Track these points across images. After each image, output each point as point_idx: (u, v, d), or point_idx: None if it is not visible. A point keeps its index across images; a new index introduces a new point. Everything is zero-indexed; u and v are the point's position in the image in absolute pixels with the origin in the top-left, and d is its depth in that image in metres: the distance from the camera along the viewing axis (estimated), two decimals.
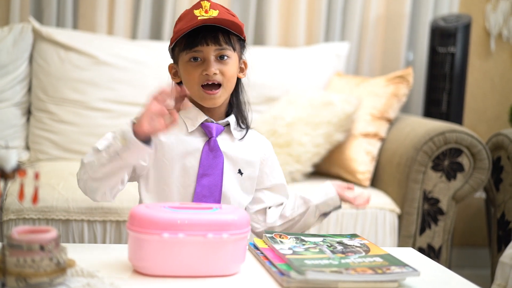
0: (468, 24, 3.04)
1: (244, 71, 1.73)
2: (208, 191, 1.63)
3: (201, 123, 1.65)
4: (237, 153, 1.68)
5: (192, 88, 1.63)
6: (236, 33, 1.64)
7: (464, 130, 2.50)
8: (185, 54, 1.62)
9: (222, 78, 1.62)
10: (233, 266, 1.35)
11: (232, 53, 1.64)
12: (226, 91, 1.64)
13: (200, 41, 1.60)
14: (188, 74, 1.63)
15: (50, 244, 1.16)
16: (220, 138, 1.67)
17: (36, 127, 2.75)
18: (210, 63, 1.60)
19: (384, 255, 1.44)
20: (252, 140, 1.73)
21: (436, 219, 2.51)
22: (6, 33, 2.75)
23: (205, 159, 1.63)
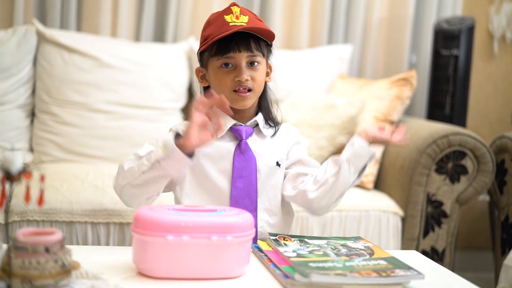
0: (471, 26, 3.04)
1: (269, 74, 1.75)
2: (244, 193, 1.64)
3: (231, 127, 1.67)
4: (270, 150, 1.70)
5: (223, 93, 1.61)
6: (267, 40, 1.67)
7: (468, 132, 2.50)
8: (217, 60, 1.63)
9: (253, 83, 1.64)
10: (238, 268, 1.34)
11: (262, 59, 1.67)
12: (255, 95, 1.67)
13: (233, 47, 1.61)
14: (219, 80, 1.64)
15: (55, 246, 1.16)
16: (251, 139, 1.69)
17: (40, 129, 2.75)
18: (242, 70, 1.62)
19: (388, 258, 1.44)
20: (282, 134, 1.75)
21: (440, 222, 2.51)
22: (10, 35, 2.75)
23: (238, 161, 1.65)
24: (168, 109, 2.88)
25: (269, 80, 1.75)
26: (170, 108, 2.89)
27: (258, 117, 1.70)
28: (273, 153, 1.70)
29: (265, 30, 1.62)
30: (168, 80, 2.89)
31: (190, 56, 2.99)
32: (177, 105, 2.93)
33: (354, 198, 2.54)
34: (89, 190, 2.28)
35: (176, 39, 3.14)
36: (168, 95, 2.88)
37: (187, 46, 3.00)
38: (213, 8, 3.13)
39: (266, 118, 1.73)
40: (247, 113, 1.70)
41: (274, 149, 1.71)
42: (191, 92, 3.04)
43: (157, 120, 2.84)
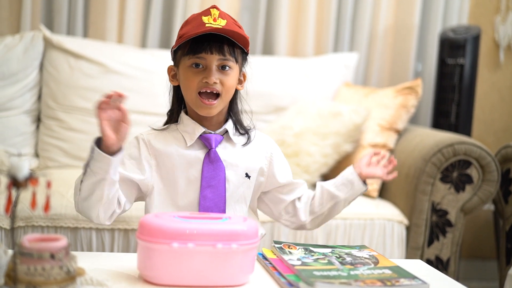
0: (477, 35, 3.04)
1: (242, 83, 1.73)
2: (213, 203, 1.63)
3: (200, 135, 1.65)
4: (241, 159, 1.68)
5: (190, 95, 1.63)
6: (241, 46, 1.65)
7: (473, 142, 2.50)
8: (188, 59, 1.62)
9: (221, 88, 1.62)
10: (242, 276, 1.35)
11: (234, 64, 1.65)
12: (223, 101, 1.64)
13: (205, 48, 1.60)
14: (187, 79, 1.62)
15: (61, 252, 1.16)
16: (221, 147, 1.67)
17: (46, 134, 2.76)
18: (212, 72, 1.60)
19: (393, 267, 1.44)
20: (256, 144, 1.73)
21: (445, 231, 2.51)
22: (17, 41, 2.76)
23: (207, 171, 1.63)
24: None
25: (241, 88, 1.72)
26: None
27: (228, 125, 1.68)
28: (243, 164, 1.68)
29: (240, 35, 1.60)
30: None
31: None
32: None
33: (358, 206, 2.53)
34: None
35: None
36: None
37: None
38: None
39: (236, 125, 1.71)
40: (216, 120, 1.68)
41: (245, 159, 1.69)
42: None
43: None
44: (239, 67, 1.68)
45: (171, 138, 1.67)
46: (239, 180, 1.67)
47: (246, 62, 1.73)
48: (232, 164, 1.66)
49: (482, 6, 3.44)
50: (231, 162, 1.66)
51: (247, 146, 1.71)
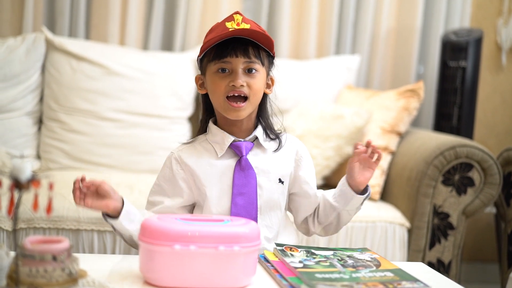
0: (479, 38, 3.04)
1: (271, 87, 1.72)
2: (244, 210, 1.62)
3: (230, 144, 1.64)
4: (272, 165, 1.67)
5: (218, 99, 1.62)
6: (266, 48, 1.64)
7: (475, 144, 2.50)
8: (214, 65, 1.62)
9: (249, 91, 1.60)
10: (244, 278, 1.34)
11: (261, 67, 1.64)
12: (251, 104, 1.62)
13: (230, 52, 1.59)
14: (214, 84, 1.62)
15: (63, 254, 1.16)
16: (252, 154, 1.66)
17: (47, 136, 2.76)
18: (238, 75, 1.59)
19: (395, 270, 1.44)
20: (285, 148, 1.71)
21: (446, 233, 2.50)
22: (19, 42, 2.76)
23: (238, 178, 1.62)
24: (176, 118, 2.89)
25: (269, 92, 1.71)
26: (178, 117, 2.90)
27: (257, 131, 1.67)
28: (276, 169, 1.67)
29: (264, 37, 1.59)
30: (176, 88, 2.90)
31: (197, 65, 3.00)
32: (185, 114, 2.93)
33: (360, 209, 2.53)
34: None
35: (184, 48, 3.15)
36: (175, 104, 2.89)
37: (195, 55, 3.01)
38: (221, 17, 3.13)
39: (266, 130, 1.69)
40: (245, 127, 1.67)
41: (277, 165, 1.67)
42: (199, 101, 3.04)
43: (164, 129, 2.85)
44: (266, 70, 1.67)
45: (202, 150, 1.67)
46: (272, 187, 1.66)
47: (273, 66, 1.72)
48: (264, 170, 1.65)
49: (484, 9, 3.44)
50: (263, 168, 1.65)
51: (279, 151, 1.70)
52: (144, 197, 2.38)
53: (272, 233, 1.66)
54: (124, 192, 2.34)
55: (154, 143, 2.80)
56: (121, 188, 2.38)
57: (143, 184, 2.47)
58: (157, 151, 2.80)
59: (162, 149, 2.81)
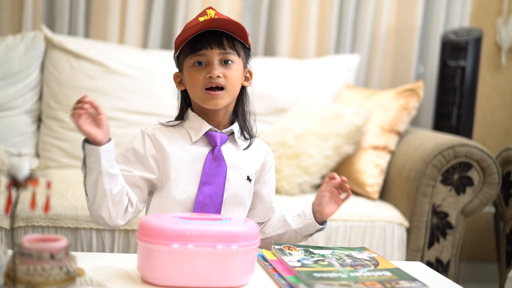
0: (479, 38, 3.04)
1: (249, 80, 1.72)
2: (210, 200, 1.62)
3: (205, 133, 1.65)
4: (242, 161, 1.68)
5: (196, 92, 1.63)
6: (240, 39, 1.64)
7: (474, 144, 2.50)
8: (190, 59, 1.63)
9: (226, 81, 1.61)
10: (242, 277, 1.34)
11: (237, 58, 1.64)
12: (229, 94, 1.63)
13: (204, 44, 1.60)
14: (192, 78, 1.62)
15: (60, 253, 1.16)
16: (225, 147, 1.66)
17: (46, 134, 2.76)
18: (214, 66, 1.60)
19: (393, 269, 1.44)
20: (256, 149, 1.73)
21: (445, 233, 2.50)
22: (18, 41, 2.76)
23: (208, 167, 1.63)
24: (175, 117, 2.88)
25: (247, 84, 1.72)
26: None
27: (234, 126, 1.68)
28: (245, 166, 1.68)
29: (236, 26, 1.59)
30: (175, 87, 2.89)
31: None
32: None
33: (359, 208, 2.53)
34: None
35: None
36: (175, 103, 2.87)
37: None
38: None
39: (242, 127, 1.70)
40: (223, 119, 1.68)
41: (247, 162, 1.69)
42: None
43: None
44: (242, 62, 1.67)
45: (176, 133, 1.67)
46: (240, 182, 1.67)
47: (250, 58, 1.72)
48: (235, 165, 1.66)
49: (484, 8, 3.44)
50: (233, 163, 1.66)
51: (249, 150, 1.71)
52: None
53: None
54: None
55: None
56: None
57: None
58: None
59: None
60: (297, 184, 2.62)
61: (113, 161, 1.52)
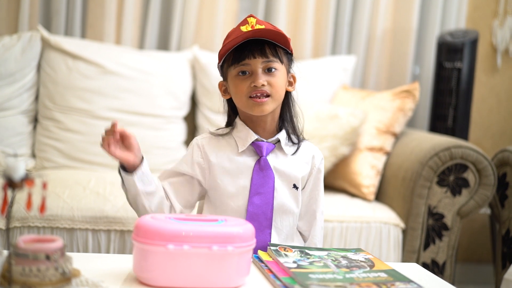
0: (475, 39, 3.05)
1: (293, 84, 1.74)
2: (260, 210, 1.63)
3: (252, 142, 1.66)
4: (290, 169, 1.68)
5: (241, 101, 1.64)
6: (282, 46, 1.65)
7: (470, 146, 2.50)
8: (234, 69, 1.63)
9: (271, 89, 1.62)
10: (238, 278, 1.34)
11: (280, 65, 1.65)
12: (274, 101, 1.64)
13: (247, 54, 1.61)
14: (237, 87, 1.63)
15: (56, 253, 1.16)
16: (272, 155, 1.67)
17: (43, 135, 2.76)
18: (258, 75, 1.61)
19: (389, 271, 1.44)
20: (303, 154, 1.72)
21: (441, 234, 2.51)
22: (14, 41, 2.76)
23: (256, 178, 1.64)
24: (171, 117, 2.89)
25: (291, 89, 1.73)
26: (173, 116, 2.90)
27: (281, 135, 1.69)
28: (292, 174, 1.68)
29: (279, 35, 1.60)
30: (172, 88, 2.90)
31: (193, 65, 3.00)
32: (180, 113, 2.93)
33: (355, 209, 2.54)
34: (90, 197, 2.28)
35: (180, 48, 3.15)
36: (171, 103, 2.89)
37: (190, 55, 3.01)
38: (217, 17, 3.14)
39: (290, 133, 1.71)
40: (269, 128, 1.69)
41: (293, 170, 1.69)
42: (194, 101, 3.05)
43: (160, 128, 2.85)
44: (285, 68, 1.68)
45: (224, 143, 1.69)
46: (287, 191, 1.68)
47: (292, 63, 1.73)
48: (281, 173, 1.67)
49: (480, 10, 3.45)
50: (280, 171, 1.67)
51: (297, 155, 1.71)
52: None
53: (281, 237, 1.67)
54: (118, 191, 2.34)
55: (150, 142, 2.80)
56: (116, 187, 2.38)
57: None
58: (153, 151, 2.80)
59: (157, 148, 2.81)
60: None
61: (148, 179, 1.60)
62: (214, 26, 3.16)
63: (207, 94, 2.98)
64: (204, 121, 2.98)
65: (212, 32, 3.16)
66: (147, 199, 1.60)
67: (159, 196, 1.63)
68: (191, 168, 1.67)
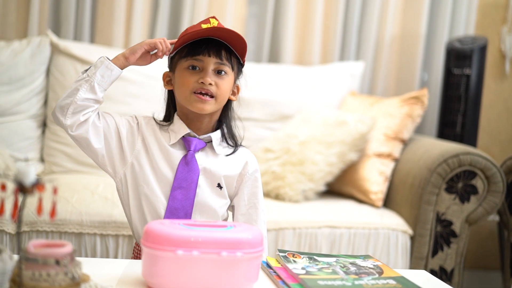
0: (483, 46, 3.04)
1: (236, 94, 1.75)
2: (180, 205, 1.64)
3: (183, 137, 1.68)
4: (218, 168, 1.69)
5: (183, 93, 1.66)
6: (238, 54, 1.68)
7: (479, 152, 2.49)
8: (185, 61, 1.66)
9: (216, 90, 1.64)
10: (246, 284, 1.34)
11: (230, 71, 1.67)
12: (217, 103, 1.66)
13: (203, 50, 1.64)
14: (183, 80, 1.66)
15: (66, 258, 1.16)
16: (203, 153, 1.69)
17: (51, 139, 2.76)
18: (208, 73, 1.64)
19: (398, 278, 1.43)
20: (238, 158, 1.73)
21: (449, 241, 2.50)
22: (24, 46, 2.77)
23: (181, 172, 1.65)
24: None
25: (234, 99, 1.74)
26: None
27: (214, 134, 1.70)
28: (218, 173, 1.68)
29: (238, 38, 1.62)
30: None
31: None
32: None
33: (363, 215, 2.53)
34: (99, 202, 2.28)
35: None
36: None
37: None
38: (226, 22, 3.14)
39: (227, 136, 1.72)
40: (205, 127, 1.70)
41: (219, 169, 1.69)
42: None
43: None
44: (234, 76, 1.70)
45: (159, 131, 1.71)
46: (210, 188, 1.68)
47: (241, 74, 1.75)
48: (207, 171, 1.68)
49: (489, 16, 3.44)
50: (208, 168, 1.67)
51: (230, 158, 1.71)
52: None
53: None
54: None
55: None
56: None
57: None
58: None
59: None
60: (301, 191, 2.62)
61: (104, 87, 1.68)
62: None
63: None
64: None
65: None
66: (86, 92, 1.64)
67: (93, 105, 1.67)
68: (124, 127, 1.71)
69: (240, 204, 1.73)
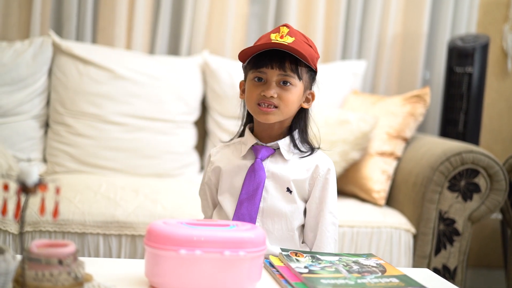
0: (485, 44, 3.04)
1: (310, 101, 1.72)
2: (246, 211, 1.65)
3: (252, 146, 1.68)
4: (287, 172, 1.67)
5: (250, 105, 1.66)
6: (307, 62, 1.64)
7: (481, 151, 2.49)
8: (251, 73, 1.65)
9: (279, 102, 1.63)
10: (249, 284, 1.34)
11: (297, 81, 1.64)
12: (281, 114, 1.64)
13: (266, 63, 1.62)
14: (249, 91, 1.66)
15: (69, 258, 1.16)
16: (272, 159, 1.68)
17: (54, 139, 2.77)
18: (270, 85, 1.62)
19: (401, 276, 1.43)
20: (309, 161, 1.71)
21: (452, 239, 2.50)
22: (26, 46, 2.78)
23: (248, 179, 1.66)
24: (181, 122, 2.89)
25: (307, 106, 1.71)
26: (183, 121, 2.90)
27: (282, 141, 1.68)
28: (286, 177, 1.67)
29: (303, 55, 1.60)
30: (182, 93, 2.90)
31: (204, 70, 3.00)
32: (190, 118, 2.94)
33: (366, 214, 2.53)
34: (101, 202, 2.29)
35: (190, 53, 3.15)
36: (181, 108, 2.90)
37: (201, 60, 3.02)
38: (228, 22, 3.15)
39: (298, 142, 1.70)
40: (275, 134, 1.69)
41: (288, 173, 1.67)
42: (204, 106, 3.05)
43: (170, 133, 2.85)
44: (303, 85, 1.67)
45: (233, 149, 1.73)
46: (278, 194, 1.67)
47: (314, 82, 1.73)
48: (275, 175, 1.67)
49: (490, 15, 3.44)
50: (273, 173, 1.67)
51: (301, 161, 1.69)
52: (150, 200, 2.39)
53: (271, 239, 1.66)
54: (129, 196, 2.35)
55: (160, 147, 2.81)
56: (126, 192, 2.39)
57: (148, 188, 2.47)
58: (163, 155, 2.81)
59: (167, 153, 2.82)
60: None
61: None
62: (224, 31, 3.16)
63: (217, 99, 2.98)
64: (215, 126, 2.99)
65: (222, 37, 3.17)
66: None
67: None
68: (208, 178, 1.75)
69: (311, 208, 1.71)
